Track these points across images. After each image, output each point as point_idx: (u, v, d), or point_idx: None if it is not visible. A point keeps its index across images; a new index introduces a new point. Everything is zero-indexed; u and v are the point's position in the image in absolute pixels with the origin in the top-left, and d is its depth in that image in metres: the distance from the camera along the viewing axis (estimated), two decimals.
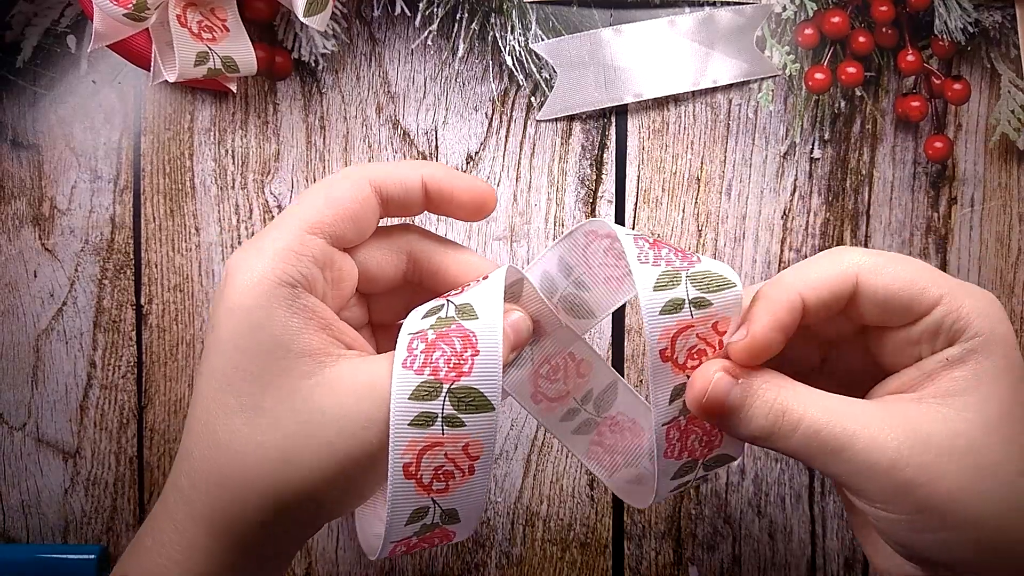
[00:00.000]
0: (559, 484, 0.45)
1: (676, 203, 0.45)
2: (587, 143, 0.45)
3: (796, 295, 0.30)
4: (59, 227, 0.44)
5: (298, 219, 0.30)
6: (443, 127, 0.45)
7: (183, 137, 0.44)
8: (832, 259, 0.31)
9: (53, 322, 0.45)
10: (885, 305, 0.30)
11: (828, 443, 0.28)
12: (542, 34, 0.44)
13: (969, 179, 0.45)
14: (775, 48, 0.45)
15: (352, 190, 0.31)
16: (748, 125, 0.45)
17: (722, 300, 0.30)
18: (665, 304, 0.29)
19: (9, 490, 0.45)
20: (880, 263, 0.30)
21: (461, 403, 0.28)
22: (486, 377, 0.29)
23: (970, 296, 0.30)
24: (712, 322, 0.30)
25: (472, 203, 0.33)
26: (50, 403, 0.45)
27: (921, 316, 0.30)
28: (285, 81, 0.45)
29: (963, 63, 0.45)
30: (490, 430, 0.29)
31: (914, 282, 0.30)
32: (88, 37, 0.43)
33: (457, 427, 0.29)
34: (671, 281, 0.30)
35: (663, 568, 0.45)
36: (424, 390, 0.28)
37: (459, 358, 0.29)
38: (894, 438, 0.28)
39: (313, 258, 0.30)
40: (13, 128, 0.44)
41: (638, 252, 0.31)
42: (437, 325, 0.29)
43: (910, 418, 0.29)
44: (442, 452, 0.29)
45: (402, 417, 0.28)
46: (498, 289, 0.30)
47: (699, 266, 0.30)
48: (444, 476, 0.29)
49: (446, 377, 0.28)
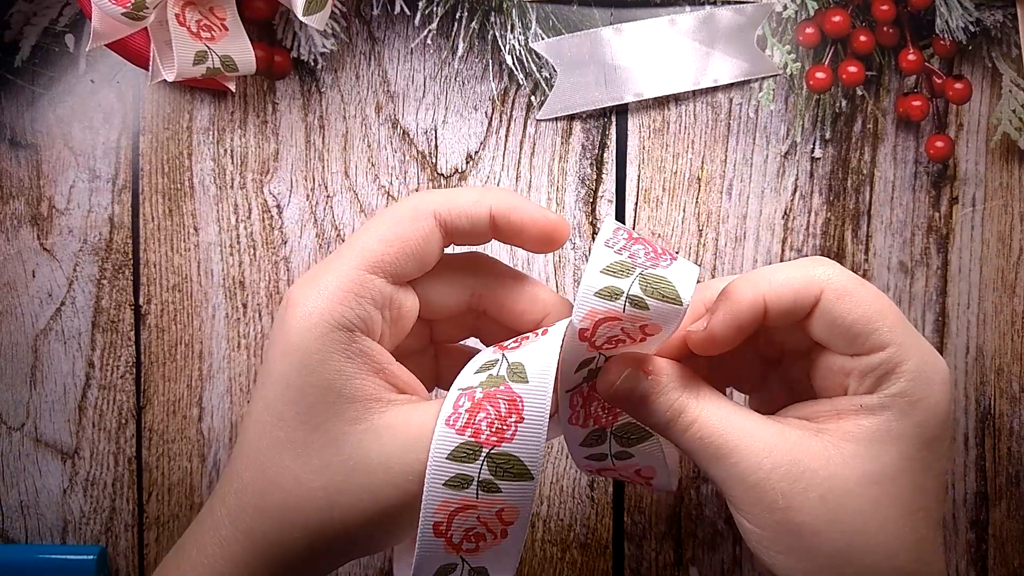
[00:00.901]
0: (559, 484, 0.45)
1: (677, 203, 0.45)
2: (587, 142, 0.45)
3: (760, 297, 0.30)
4: (57, 227, 0.44)
5: (360, 255, 0.30)
6: (443, 126, 0.45)
7: (182, 136, 0.44)
8: (803, 268, 0.31)
9: (51, 322, 0.44)
10: (833, 329, 0.30)
11: (710, 449, 0.30)
12: (542, 33, 0.44)
13: (970, 179, 0.45)
14: (776, 47, 0.45)
15: (416, 224, 0.30)
16: (749, 124, 0.45)
17: (660, 310, 0.29)
18: (602, 288, 0.29)
19: (8, 490, 0.45)
20: (848, 287, 0.30)
21: (499, 469, 0.28)
22: (528, 445, 0.28)
23: (919, 358, 0.30)
24: (641, 324, 0.30)
25: (541, 236, 0.32)
26: (48, 403, 0.45)
27: (862, 354, 0.30)
28: (284, 80, 0.44)
29: (964, 62, 0.45)
30: (527, 498, 0.28)
31: (871, 320, 0.30)
32: (87, 36, 0.43)
33: (493, 492, 0.28)
34: (622, 271, 0.29)
35: (663, 569, 0.45)
36: (463, 451, 0.28)
37: (503, 423, 0.28)
38: (769, 461, 0.30)
39: (372, 300, 0.30)
40: (11, 127, 0.44)
41: (609, 238, 0.30)
42: (487, 384, 0.29)
43: (797, 448, 0.30)
44: (475, 515, 0.28)
45: (438, 476, 0.28)
46: (553, 350, 0.29)
47: (660, 270, 0.29)
48: (475, 538, 0.29)
49: (487, 441, 0.28)
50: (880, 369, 0.30)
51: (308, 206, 0.44)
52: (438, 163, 0.45)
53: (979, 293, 0.45)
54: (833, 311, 0.30)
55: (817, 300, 0.30)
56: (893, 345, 0.30)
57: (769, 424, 0.31)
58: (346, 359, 0.29)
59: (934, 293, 0.45)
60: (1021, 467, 0.45)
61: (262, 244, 0.45)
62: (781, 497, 0.29)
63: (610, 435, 0.33)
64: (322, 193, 0.44)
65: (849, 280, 0.30)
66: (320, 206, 0.45)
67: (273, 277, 0.44)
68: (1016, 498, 0.45)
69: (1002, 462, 0.45)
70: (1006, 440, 0.45)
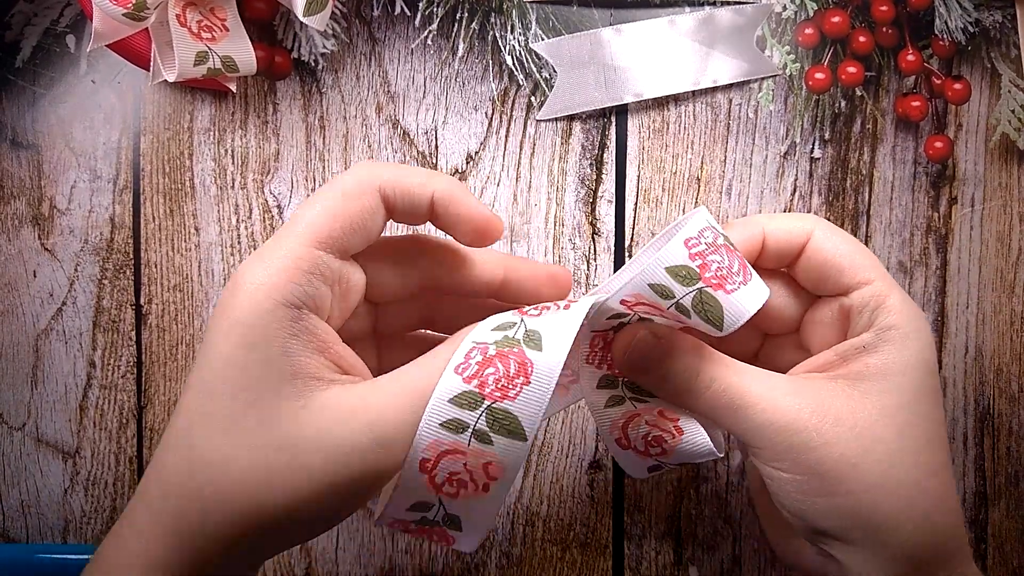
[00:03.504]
0: (559, 484, 0.45)
1: (676, 203, 0.45)
2: (587, 143, 0.45)
3: (760, 228, 0.34)
4: (58, 227, 0.44)
5: (307, 230, 0.30)
6: (443, 127, 0.45)
7: (183, 137, 0.44)
8: (795, 215, 0.35)
9: (52, 322, 0.45)
10: (822, 267, 0.33)
11: (734, 401, 0.31)
12: (542, 34, 0.44)
13: (969, 179, 0.45)
14: (775, 48, 0.45)
15: (362, 198, 0.31)
16: (748, 125, 0.45)
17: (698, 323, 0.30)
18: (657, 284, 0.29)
19: (9, 490, 0.45)
20: (834, 231, 0.33)
21: (496, 423, 0.28)
22: (529, 409, 0.28)
23: (902, 296, 0.33)
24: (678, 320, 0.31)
25: (474, 231, 0.32)
26: (49, 403, 0.45)
27: (850, 290, 0.33)
28: (285, 81, 0.45)
29: (963, 63, 0.45)
30: (517, 457, 0.29)
31: (855, 257, 0.33)
32: (87, 37, 0.43)
33: (484, 444, 0.29)
34: (687, 277, 0.29)
35: (663, 568, 0.45)
36: (465, 399, 0.28)
37: (509, 381, 0.28)
38: (796, 401, 0.31)
39: (322, 275, 0.30)
40: (12, 128, 0.44)
41: (692, 237, 0.30)
42: (502, 343, 0.29)
43: (815, 389, 0.32)
44: (462, 462, 0.29)
45: (435, 416, 0.28)
46: (573, 326, 0.30)
47: (721, 293, 0.30)
48: (457, 483, 0.29)
49: (490, 395, 0.28)
50: (872, 303, 0.32)
51: None
52: (438, 163, 0.45)
53: (978, 293, 0.45)
54: (825, 246, 0.33)
55: (808, 237, 0.33)
56: (878, 280, 0.33)
57: (785, 377, 0.32)
58: (291, 336, 0.29)
59: (933, 293, 0.45)
60: (1020, 467, 0.45)
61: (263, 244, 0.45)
62: (816, 434, 0.30)
63: (622, 384, 0.34)
64: None
65: (833, 227, 0.34)
66: None
67: None
68: (1015, 498, 0.45)
69: (1001, 462, 0.45)
70: (1005, 440, 0.45)
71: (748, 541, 0.45)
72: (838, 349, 0.33)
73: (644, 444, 0.33)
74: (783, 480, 0.31)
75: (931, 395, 0.32)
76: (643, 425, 0.33)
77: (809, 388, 0.31)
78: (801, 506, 0.31)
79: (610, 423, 0.34)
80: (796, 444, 0.30)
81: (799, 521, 0.32)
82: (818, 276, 0.34)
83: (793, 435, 0.30)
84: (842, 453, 0.30)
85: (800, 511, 0.31)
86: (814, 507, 0.31)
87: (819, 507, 0.31)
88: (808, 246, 0.33)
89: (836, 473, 0.30)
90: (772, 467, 0.31)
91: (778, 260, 0.34)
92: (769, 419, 0.31)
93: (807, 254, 0.33)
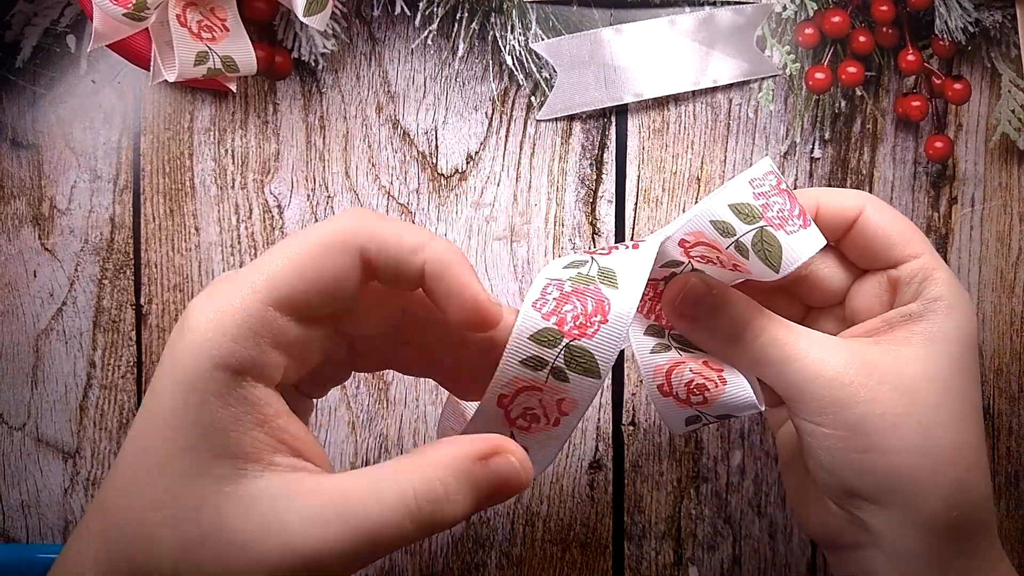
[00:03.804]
0: (559, 484, 0.45)
1: (676, 203, 0.45)
2: (587, 143, 0.45)
3: (815, 200, 0.34)
4: (59, 227, 0.44)
5: (267, 285, 0.26)
6: (443, 127, 0.45)
7: (183, 137, 0.44)
8: (847, 191, 0.35)
9: (53, 322, 0.45)
10: (873, 240, 0.33)
11: (783, 351, 0.31)
12: (542, 34, 0.44)
13: (969, 179, 0.45)
14: (775, 48, 0.45)
15: (336, 258, 0.27)
16: (748, 125, 0.45)
17: (755, 265, 0.31)
18: (719, 220, 0.30)
19: (9, 490, 0.45)
20: (884, 207, 0.34)
21: (573, 361, 0.29)
22: (605, 347, 0.29)
23: (949, 272, 0.33)
24: (735, 263, 0.32)
25: (464, 313, 0.28)
26: (50, 403, 0.45)
27: (899, 263, 0.33)
28: (285, 81, 0.45)
29: (963, 63, 0.45)
30: (589, 394, 0.29)
31: (904, 232, 0.33)
32: (88, 37, 0.43)
33: (561, 381, 0.29)
34: (749, 215, 0.30)
35: (663, 568, 0.45)
36: (545, 336, 0.29)
37: (588, 319, 0.29)
38: (843, 358, 0.31)
39: (273, 341, 0.26)
40: (13, 128, 0.44)
41: (756, 177, 0.31)
42: (576, 280, 0.30)
43: (862, 349, 0.32)
44: (538, 398, 0.29)
45: (516, 354, 0.29)
46: (646, 265, 0.30)
47: (782, 234, 0.31)
48: (530, 418, 0.30)
49: (568, 332, 0.29)
50: (920, 275, 0.33)
51: (309, 206, 0.45)
52: (438, 163, 0.45)
53: (978, 293, 0.45)
54: (876, 219, 0.33)
55: (860, 212, 0.34)
56: (927, 253, 0.33)
57: (832, 337, 0.33)
58: (223, 406, 0.25)
59: None
60: (1020, 467, 0.45)
61: (263, 244, 0.45)
62: (862, 389, 0.30)
63: (668, 335, 0.34)
64: (323, 193, 0.45)
65: (883, 201, 0.34)
66: (321, 206, 0.45)
67: None
68: (1015, 497, 0.45)
69: (1001, 461, 0.45)
70: (1005, 439, 0.45)
71: (748, 541, 0.45)
72: (885, 317, 0.33)
73: (686, 392, 0.33)
74: (823, 436, 0.31)
75: (972, 369, 0.32)
76: (687, 372, 0.33)
77: (855, 348, 0.32)
78: (838, 463, 0.31)
79: (654, 369, 0.34)
80: (842, 399, 0.31)
81: (833, 479, 0.32)
82: (869, 249, 0.34)
83: (839, 389, 0.31)
84: (884, 411, 0.30)
85: (836, 468, 0.31)
86: (851, 464, 0.31)
87: (856, 464, 0.31)
88: (860, 220, 0.34)
89: (877, 430, 0.30)
90: (814, 423, 0.31)
91: (831, 232, 0.34)
92: (816, 372, 0.31)
93: (858, 228, 0.34)
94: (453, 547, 0.45)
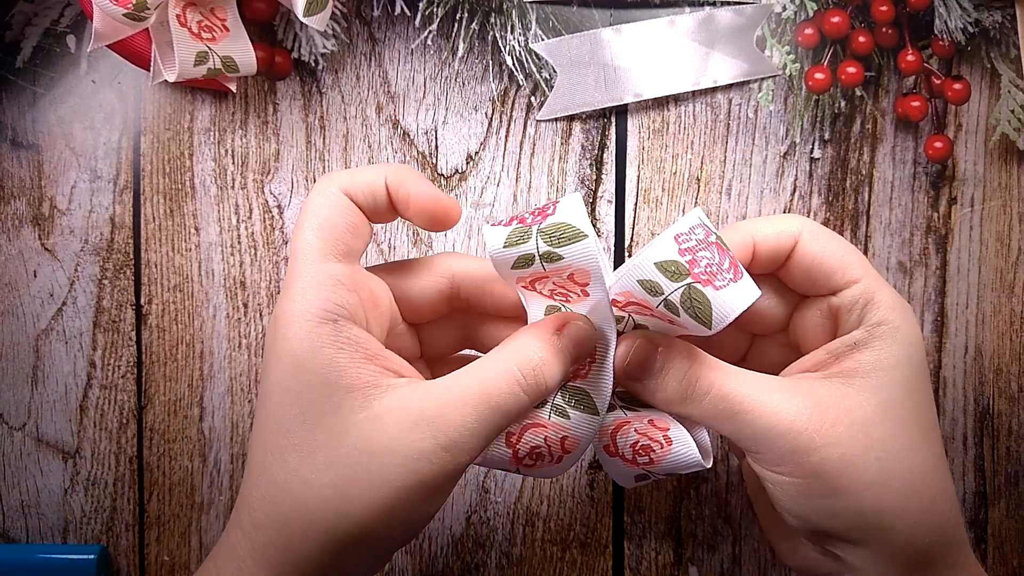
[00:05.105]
0: (559, 484, 0.45)
1: (676, 203, 0.45)
2: (587, 143, 0.45)
3: (750, 237, 0.33)
4: (59, 227, 0.44)
5: (308, 251, 0.31)
6: (443, 127, 0.45)
7: (183, 137, 0.44)
8: (781, 218, 0.34)
9: (53, 322, 0.45)
10: (811, 269, 0.33)
11: (734, 407, 0.31)
12: (542, 34, 0.44)
13: (969, 179, 0.45)
14: (775, 48, 0.45)
15: (328, 201, 0.31)
16: (748, 125, 0.45)
17: (690, 323, 0.30)
18: (646, 280, 0.30)
19: (9, 490, 0.45)
20: (820, 232, 0.33)
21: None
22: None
23: (889, 291, 0.33)
24: (669, 320, 0.31)
25: (425, 212, 0.33)
26: (50, 403, 0.45)
27: (838, 289, 0.33)
28: (285, 81, 0.45)
29: (963, 63, 0.45)
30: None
31: (844, 254, 0.33)
32: (88, 37, 0.43)
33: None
34: (675, 273, 0.29)
35: (663, 568, 0.45)
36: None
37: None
38: (795, 405, 0.31)
39: (342, 283, 0.30)
40: (13, 128, 0.44)
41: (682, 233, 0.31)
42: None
43: (812, 390, 0.32)
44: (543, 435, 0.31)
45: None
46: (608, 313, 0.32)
47: (712, 290, 0.29)
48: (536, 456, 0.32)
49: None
50: (861, 300, 0.32)
51: None
52: (438, 163, 0.45)
53: (978, 293, 0.45)
54: (813, 247, 0.33)
55: (796, 240, 0.33)
56: (866, 277, 0.33)
57: (781, 379, 0.32)
58: (337, 350, 0.29)
59: (933, 293, 0.45)
60: (1020, 467, 0.45)
61: (263, 244, 0.45)
62: (816, 435, 0.30)
63: (613, 391, 0.34)
64: None
65: (819, 227, 0.34)
66: None
67: (274, 277, 0.45)
68: (1015, 498, 0.45)
69: (1001, 462, 0.45)
70: (1005, 440, 0.45)
71: (748, 541, 0.45)
72: (829, 348, 0.33)
73: (632, 452, 0.33)
74: (785, 484, 0.31)
75: (923, 387, 0.32)
76: (632, 433, 0.33)
77: (805, 389, 0.31)
78: (804, 509, 0.31)
79: (599, 430, 0.33)
80: (798, 447, 0.30)
81: (802, 523, 0.32)
82: (807, 277, 0.34)
83: (794, 438, 0.30)
84: (842, 453, 0.30)
85: (803, 514, 0.31)
86: (817, 509, 0.31)
87: (822, 509, 0.31)
88: (796, 249, 0.33)
89: (838, 473, 0.30)
90: (774, 471, 0.31)
91: (770, 264, 0.34)
92: (770, 423, 0.30)
93: (795, 257, 0.33)
94: (453, 547, 0.45)
